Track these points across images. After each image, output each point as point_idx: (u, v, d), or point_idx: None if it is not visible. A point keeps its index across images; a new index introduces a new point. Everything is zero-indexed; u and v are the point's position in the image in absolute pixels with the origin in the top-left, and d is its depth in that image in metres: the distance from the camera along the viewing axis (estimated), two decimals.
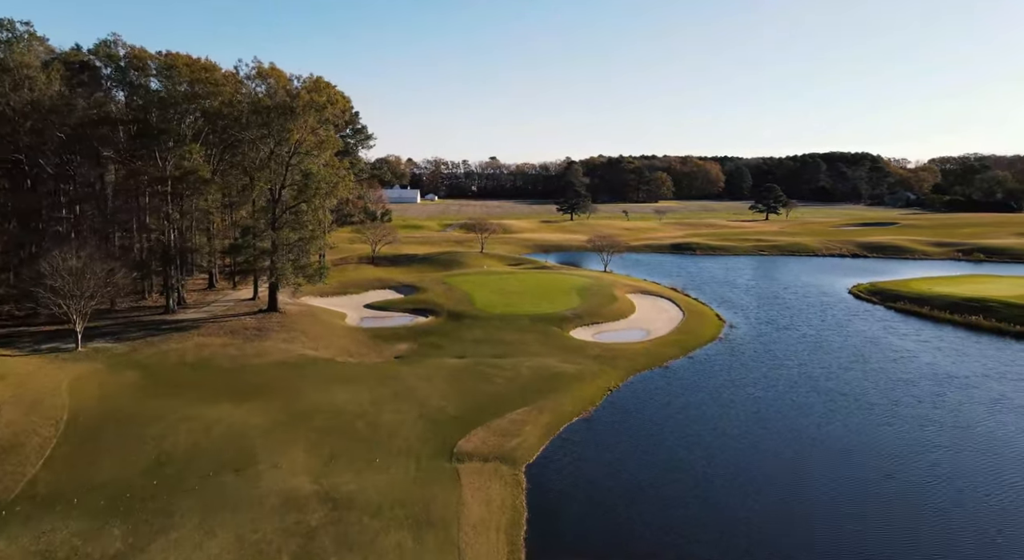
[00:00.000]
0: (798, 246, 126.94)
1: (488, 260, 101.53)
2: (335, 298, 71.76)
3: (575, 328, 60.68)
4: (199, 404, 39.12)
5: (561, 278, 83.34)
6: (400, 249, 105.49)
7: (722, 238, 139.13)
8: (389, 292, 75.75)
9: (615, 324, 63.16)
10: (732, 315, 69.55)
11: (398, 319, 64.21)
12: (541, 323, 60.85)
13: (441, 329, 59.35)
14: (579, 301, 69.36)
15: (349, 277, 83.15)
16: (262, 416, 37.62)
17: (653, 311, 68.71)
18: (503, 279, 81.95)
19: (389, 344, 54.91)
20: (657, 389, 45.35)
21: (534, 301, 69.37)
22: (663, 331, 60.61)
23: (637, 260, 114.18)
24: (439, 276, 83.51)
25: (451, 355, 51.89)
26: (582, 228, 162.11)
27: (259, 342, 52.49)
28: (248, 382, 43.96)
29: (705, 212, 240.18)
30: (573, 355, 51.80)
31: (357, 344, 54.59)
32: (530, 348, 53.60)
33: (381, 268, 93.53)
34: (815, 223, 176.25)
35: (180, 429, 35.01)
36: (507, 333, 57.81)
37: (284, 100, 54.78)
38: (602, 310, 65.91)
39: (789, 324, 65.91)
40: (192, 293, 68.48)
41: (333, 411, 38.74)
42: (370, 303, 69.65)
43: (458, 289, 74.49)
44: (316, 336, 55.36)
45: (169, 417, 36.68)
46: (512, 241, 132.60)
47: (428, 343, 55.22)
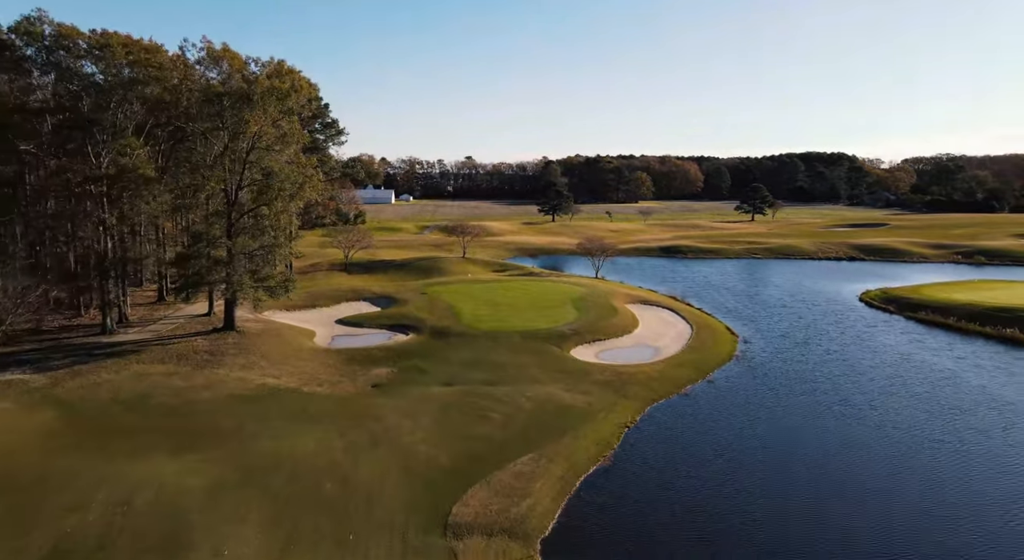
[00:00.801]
0: (791, 248, 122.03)
1: (471, 266, 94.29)
2: (303, 312, 63.93)
3: (575, 346, 53.86)
4: (126, 458, 31.41)
5: (553, 287, 76.52)
6: (375, 254, 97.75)
7: (712, 240, 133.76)
8: (364, 304, 68.11)
9: (619, 341, 56.46)
10: (742, 328, 63.41)
11: (374, 337, 56.71)
12: (537, 341, 53.92)
13: (424, 349, 52.07)
14: (576, 314, 62.57)
15: (319, 287, 75.24)
16: (205, 474, 30.05)
17: (658, 325, 62.21)
18: (489, 288, 74.86)
19: (365, 369, 47.47)
20: (682, 426, 38.67)
21: (526, 314, 62.41)
22: (673, 349, 54.09)
23: (627, 264, 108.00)
24: (419, 285, 76.08)
25: (437, 382, 44.74)
26: (566, 230, 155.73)
27: (211, 370, 44.65)
28: (192, 424, 36.26)
29: (687, 212, 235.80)
30: (578, 381, 44.99)
31: (328, 369, 47.05)
32: (528, 372, 46.65)
33: (355, 276, 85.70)
34: (802, 224, 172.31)
35: (95, 499, 27.26)
36: (499, 353, 50.77)
37: (240, 86, 47.03)
38: (603, 324, 59.19)
39: (806, 338, 59.93)
40: (137, 308, 60.14)
41: (296, 465, 31.34)
42: (343, 318, 61.99)
43: (440, 301, 67.19)
44: (279, 360, 47.68)
45: (84, 479, 28.93)
46: (494, 244, 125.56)
47: (410, 367, 47.93)
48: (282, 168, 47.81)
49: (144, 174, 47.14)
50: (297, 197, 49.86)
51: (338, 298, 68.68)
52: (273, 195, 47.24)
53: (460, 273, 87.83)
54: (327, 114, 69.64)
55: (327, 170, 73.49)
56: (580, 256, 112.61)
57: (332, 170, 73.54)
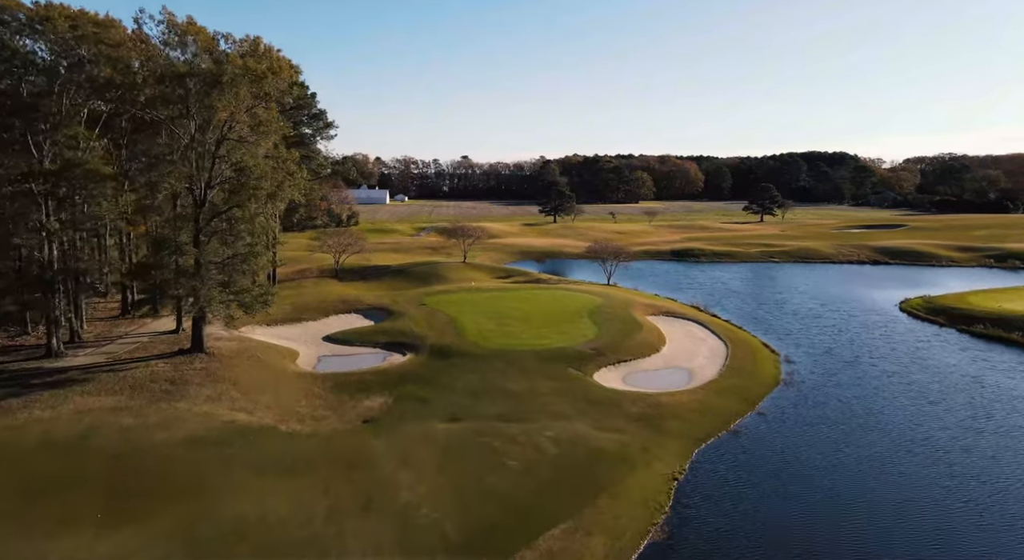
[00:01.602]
0: (810, 252, 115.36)
1: (473, 272, 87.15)
2: (286, 327, 56.69)
3: (599, 369, 46.84)
4: (46, 534, 24.29)
5: (565, 296, 69.48)
6: (369, 259, 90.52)
7: (725, 243, 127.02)
8: (356, 318, 60.86)
9: (647, 362, 49.48)
10: (779, 343, 56.56)
11: (367, 358, 49.56)
12: (554, 362, 46.90)
13: (424, 373, 44.96)
14: (595, 329, 55.52)
15: (306, 297, 67.98)
16: (145, 557, 22.94)
17: (688, 341, 55.25)
18: (495, 298, 67.75)
19: (355, 399, 40.36)
20: (741, 479, 31.68)
21: (539, 329, 55.35)
22: (710, 372, 47.14)
23: (639, 269, 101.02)
24: (417, 294, 68.91)
25: (440, 416, 37.69)
26: (569, 232, 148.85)
27: (169, 403, 37.41)
28: (139, 479, 29.11)
29: (690, 213, 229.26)
30: (607, 414, 38.01)
31: (311, 400, 39.91)
32: (547, 403, 39.63)
33: (346, 284, 78.46)
34: (814, 225, 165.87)
35: None
36: (512, 378, 43.73)
37: (208, 67, 39.85)
38: (628, 342, 52.18)
39: (855, 355, 53.14)
40: (96, 324, 52.82)
41: (265, 539, 24.32)
42: (331, 334, 54.78)
43: (442, 313, 60.04)
44: (254, 389, 40.49)
45: None
46: (495, 247, 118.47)
47: (408, 396, 40.84)
48: (258, 163, 40.61)
49: (95, 170, 39.90)
50: (277, 198, 42.66)
51: (327, 310, 61.44)
52: (247, 195, 40.05)
53: (461, 280, 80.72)
54: (314, 104, 62.49)
55: (315, 167, 66.35)
56: (587, 260, 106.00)
57: (320, 167, 66.33)
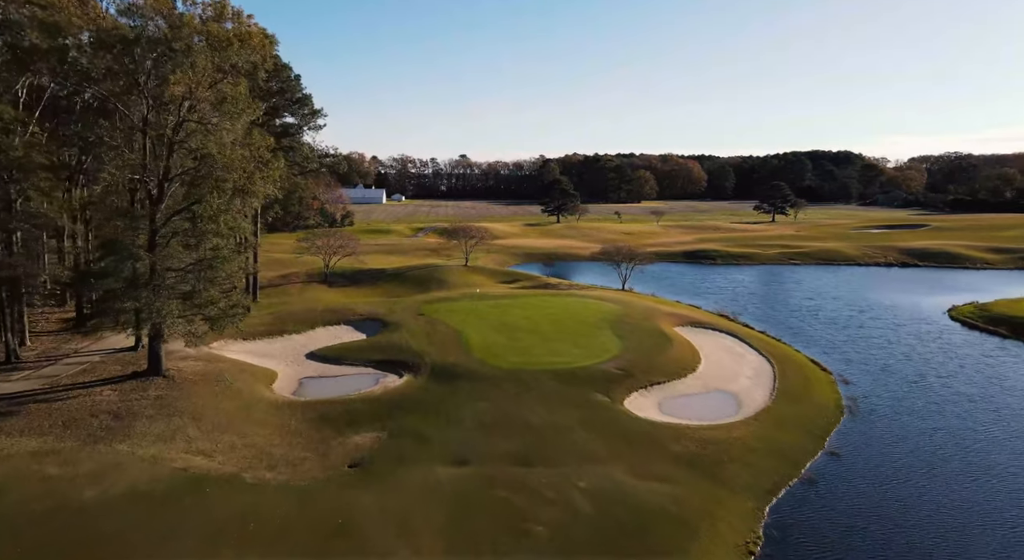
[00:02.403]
0: (832, 253, 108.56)
1: (476, 277, 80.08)
2: (265, 342, 49.56)
3: (629, 394, 39.82)
4: None
5: (579, 304, 62.44)
6: (363, 262, 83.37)
7: (739, 244, 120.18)
8: (345, 330, 53.72)
9: (684, 384, 42.45)
10: (827, 359, 49.73)
11: (356, 380, 42.48)
12: (576, 385, 39.90)
13: (424, 399, 37.90)
14: (619, 343, 48.51)
15: (290, 306, 60.84)
16: None
17: (726, 357, 48.29)
18: (502, 307, 60.67)
19: (341, 434, 33.33)
20: (827, 546, 24.68)
21: (555, 344, 48.34)
22: (760, 397, 40.17)
23: (653, 273, 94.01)
24: (415, 302, 61.80)
25: (445, 458, 30.74)
26: (574, 232, 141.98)
27: (109, 445, 30.30)
28: (52, 554, 22.05)
29: (696, 213, 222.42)
30: (648, 456, 31.06)
31: (287, 437, 32.85)
32: (573, 440, 32.65)
33: (337, 290, 71.35)
34: (829, 225, 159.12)
35: None
36: (529, 407, 36.72)
37: (163, 33, 32.81)
38: (659, 359, 45.17)
39: (920, 373, 46.31)
40: (43, 339, 45.68)
41: None
42: (317, 350, 47.64)
43: (443, 324, 52.97)
44: (218, 423, 33.38)
45: None
46: (497, 249, 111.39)
47: (405, 430, 33.80)
48: (223, 151, 33.49)
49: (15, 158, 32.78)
50: (248, 192, 35.53)
51: (313, 321, 54.26)
52: (209, 188, 32.95)
53: (463, 285, 73.66)
54: (298, 88, 55.27)
55: (299, 160, 59.23)
56: (596, 262, 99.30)
57: (306, 160, 59.12)
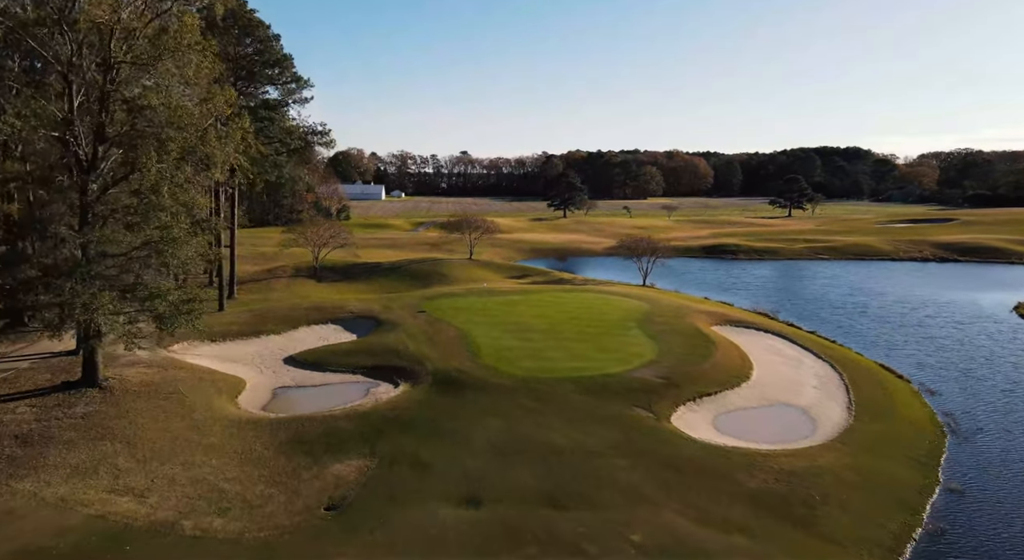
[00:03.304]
0: (863, 248, 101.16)
1: (482, 271, 72.76)
2: (238, 344, 42.20)
3: (675, 409, 32.49)
4: None
5: (600, 301, 55.15)
6: (356, 256, 76.07)
7: (760, 238, 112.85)
8: (333, 330, 46.40)
9: (739, 396, 35.08)
10: (900, 365, 42.40)
11: (343, 390, 35.19)
12: (609, 398, 32.62)
13: (423, 415, 30.60)
14: (653, 346, 41.19)
15: (271, 302, 53.56)
16: None
17: (781, 363, 40.94)
18: (513, 304, 53.37)
19: (317, 463, 26.04)
20: None
21: (576, 346, 41.04)
22: (837, 413, 32.81)
23: (672, 268, 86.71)
24: (414, 298, 54.47)
25: (450, 495, 23.56)
26: (583, 227, 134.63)
27: (5, 482, 23.00)
28: None
29: (706, 209, 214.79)
30: (714, 494, 23.79)
31: (246, 467, 25.54)
32: (612, 470, 25.40)
33: (326, 285, 64.08)
34: (852, 220, 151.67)
35: None
36: (552, 425, 29.47)
37: None
38: (703, 366, 37.80)
39: (1011, 380, 39.07)
40: None
41: None
42: (297, 355, 40.26)
43: (446, 324, 45.67)
44: (157, 450, 26.09)
45: None
46: (503, 243, 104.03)
47: (399, 456, 26.55)
48: (168, 103, 26.23)
49: None
50: (202, 156, 28.15)
51: (295, 320, 46.88)
52: (147, 151, 25.64)
53: (468, 280, 66.37)
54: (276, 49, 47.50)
55: (280, 135, 51.83)
56: (610, 257, 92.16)
57: (288, 135, 51.57)
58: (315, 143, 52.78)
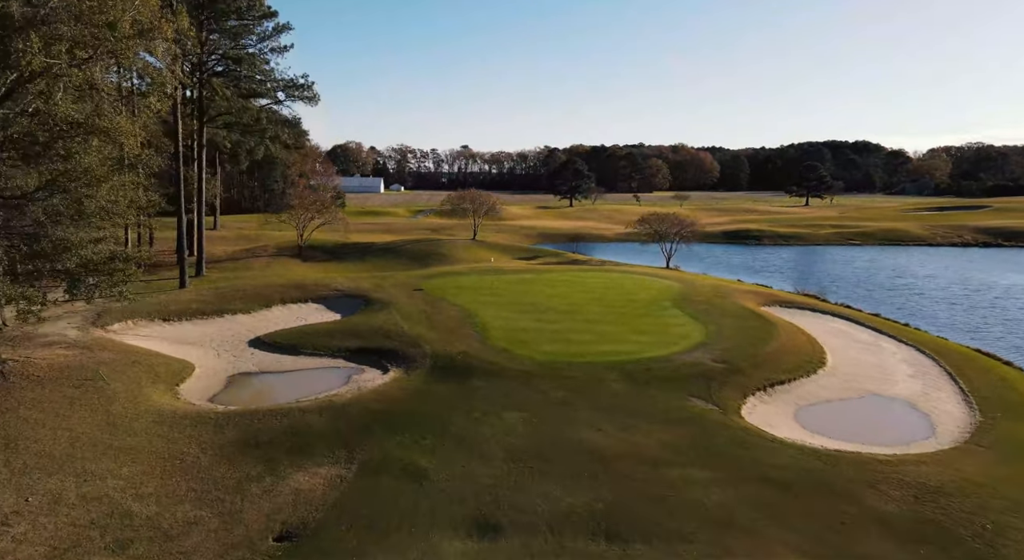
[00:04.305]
0: (898, 233, 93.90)
1: (488, 252, 65.51)
2: (194, 324, 34.84)
3: (744, 400, 25.23)
4: None
5: (626, 279, 47.92)
6: (348, 237, 68.80)
7: (783, 224, 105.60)
8: (313, 309, 39.10)
9: (818, 384, 27.77)
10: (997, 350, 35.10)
11: (318, 377, 27.92)
12: (658, 387, 25.39)
13: (419, 409, 23.31)
14: (700, 328, 33.92)
15: (244, 280, 46.26)
16: None
17: (858, 349, 33.62)
18: (526, 283, 46.10)
19: (272, 472, 18.77)
20: None
21: (606, 327, 33.78)
22: (954, 408, 25.51)
23: (694, 251, 79.51)
24: (411, 277, 47.21)
25: (454, 521, 16.33)
26: (593, 214, 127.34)
27: None
28: None
29: (716, 201, 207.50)
30: (830, 518, 16.48)
31: (172, 478, 18.26)
32: (682, 484, 18.09)
33: (312, 265, 56.79)
34: (874, 208, 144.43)
35: None
36: (587, 421, 22.25)
37: None
38: (765, 349, 30.51)
39: None
40: None
41: None
42: (265, 336, 32.91)
43: (448, 303, 38.40)
44: (48, 455, 18.82)
45: None
46: (509, 229, 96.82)
47: (385, 463, 19.34)
48: None
49: None
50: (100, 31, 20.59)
51: (269, 298, 39.50)
52: (25, 36, 18.23)
53: (472, 261, 59.08)
54: None
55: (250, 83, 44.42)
56: (625, 243, 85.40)
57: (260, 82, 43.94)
58: (296, 97, 45.32)
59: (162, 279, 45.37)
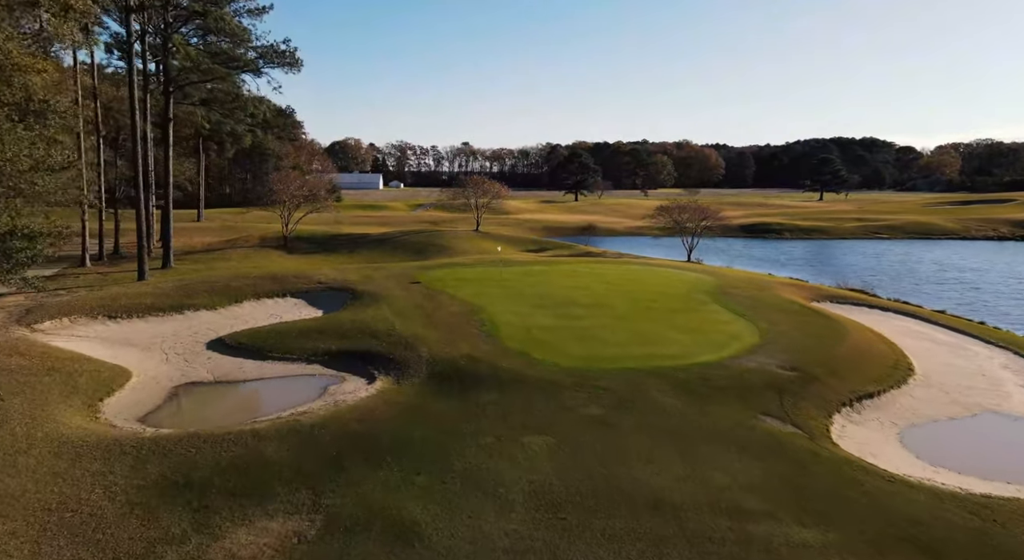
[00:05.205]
0: (927, 226, 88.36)
1: (493, 244, 59.89)
2: (150, 321, 29.17)
3: (829, 419, 19.64)
4: None
5: (650, 273, 42.38)
6: (339, 228, 63.16)
7: (805, 218, 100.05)
8: (292, 304, 33.42)
9: (914, 397, 22.17)
10: None
11: (285, 389, 22.37)
12: (718, 402, 19.78)
13: (411, 433, 17.69)
14: (749, 326, 28.34)
15: (215, 271, 40.63)
16: None
17: (943, 352, 28.03)
18: (539, 276, 40.47)
19: (201, 529, 13.13)
20: None
21: (646, 327, 28.18)
22: None
23: (712, 245, 74.10)
24: (407, 268, 41.56)
25: None
26: (600, 208, 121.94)
27: None
28: None
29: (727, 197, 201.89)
30: None
31: (55, 539, 12.65)
32: (793, 551, 12.41)
33: (297, 257, 51.16)
34: (894, 202, 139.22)
35: None
36: (638, 452, 16.59)
37: None
38: (835, 351, 24.92)
39: None
40: None
41: None
42: (229, 336, 27.23)
43: (450, 297, 32.80)
44: None
45: None
46: (513, 223, 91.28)
47: (362, 517, 13.67)
48: None
49: None
50: None
51: (240, 292, 33.80)
52: None
53: (476, 253, 53.48)
54: None
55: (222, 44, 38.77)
56: (638, 237, 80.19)
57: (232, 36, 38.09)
58: (275, 64, 39.70)
59: (123, 271, 39.83)
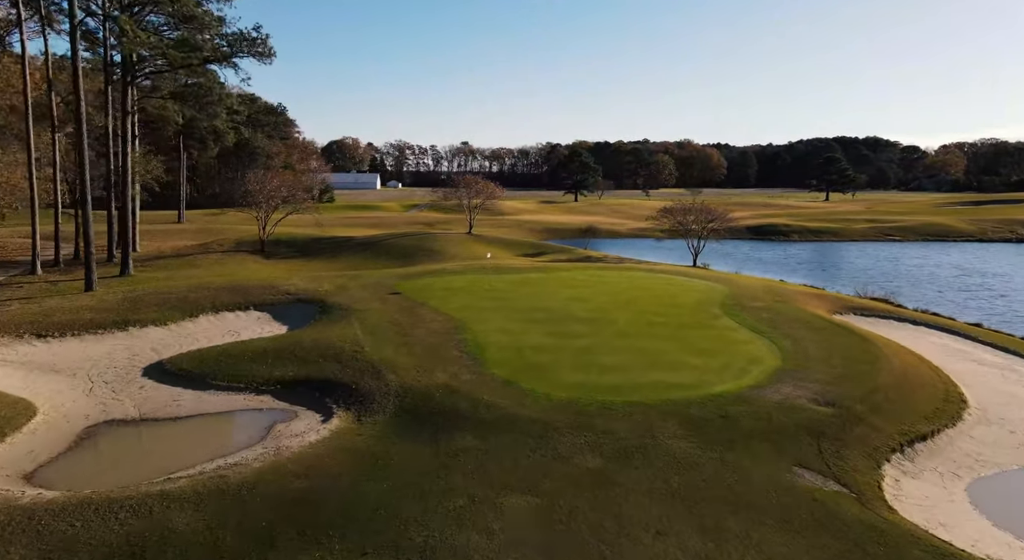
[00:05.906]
0: (941, 228, 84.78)
1: (486, 247, 56.28)
2: (85, 340, 25.55)
3: (879, 470, 16.04)
4: None
5: (656, 280, 38.76)
6: (324, 231, 59.59)
7: (814, 219, 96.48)
8: (254, 319, 29.76)
9: (973, 437, 18.60)
10: None
11: (220, 429, 18.82)
12: (743, 450, 16.15)
13: (365, 491, 14.12)
14: (769, 345, 24.75)
15: (180, 280, 37.02)
16: None
17: (993, 376, 24.47)
18: (533, 284, 36.84)
19: None
20: None
21: (652, 346, 24.56)
22: None
23: (718, 248, 70.31)
24: (388, 276, 37.91)
25: None
26: (601, 209, 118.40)
27: None
28: None
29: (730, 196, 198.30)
30: None
31: None
32: None
33: (274, 263, 47.54)
34: (903, 202, 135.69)
35: None
36: (645, 521, 13.01)
37: None
38: (875, 379, 21.34)
39: None
40: None
41: None
42: (171, 360, 23.63)
43: (432, 311, 29.20)
44: None
45: None
46: (509, 224, 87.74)
47: None
48: None
49: None
50: None
51: (198, 305, 30.15)
52: None
53: (467, 258, 49.87)
54: None
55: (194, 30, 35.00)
56: (642, 238, 76.81)
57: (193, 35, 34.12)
58: (245, 53, 36.16)
59: (76, 279, 36.25)
